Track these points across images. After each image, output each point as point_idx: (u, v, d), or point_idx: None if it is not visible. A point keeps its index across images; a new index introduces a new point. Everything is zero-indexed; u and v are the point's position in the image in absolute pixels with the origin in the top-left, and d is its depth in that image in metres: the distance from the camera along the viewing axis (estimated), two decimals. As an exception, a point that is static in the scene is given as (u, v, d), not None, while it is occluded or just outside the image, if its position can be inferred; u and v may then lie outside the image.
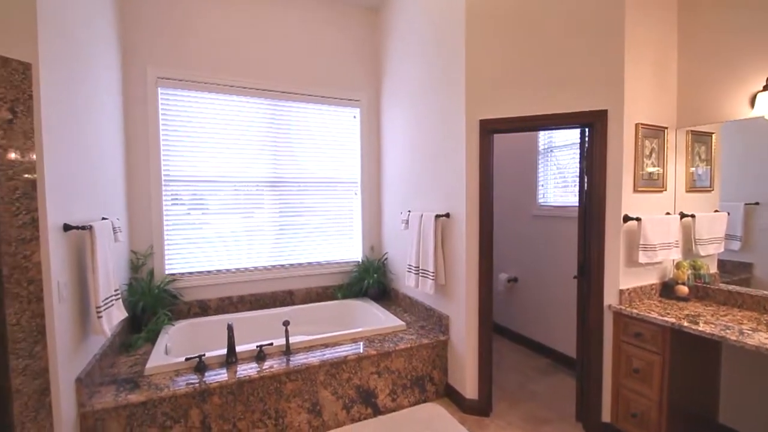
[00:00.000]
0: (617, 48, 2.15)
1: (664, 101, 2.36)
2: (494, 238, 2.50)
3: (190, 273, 3.06)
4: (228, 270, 3.18)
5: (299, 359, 2.33)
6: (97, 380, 2.01)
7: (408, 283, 2.94)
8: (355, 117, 3.64)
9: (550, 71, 2.28)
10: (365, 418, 2.45)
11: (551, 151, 3.39)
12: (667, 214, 2.39)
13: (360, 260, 3.65)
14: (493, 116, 2.40)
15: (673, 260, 2.42)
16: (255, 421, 2.17)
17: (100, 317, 1.86)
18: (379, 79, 3.64)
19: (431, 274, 2.67)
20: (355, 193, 3.68)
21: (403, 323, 2.84)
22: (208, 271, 3.12)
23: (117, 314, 2.06)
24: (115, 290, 2.08)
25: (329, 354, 2.40)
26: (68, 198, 1.79)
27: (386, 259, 3.63)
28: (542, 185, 3.48)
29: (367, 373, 2.46)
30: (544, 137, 3.45)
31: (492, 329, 2.55)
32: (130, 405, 1.90)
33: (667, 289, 2.38)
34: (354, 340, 2.63)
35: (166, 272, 2.98)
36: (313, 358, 2.35)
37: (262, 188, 3.31)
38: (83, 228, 1.80)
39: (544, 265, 3.42)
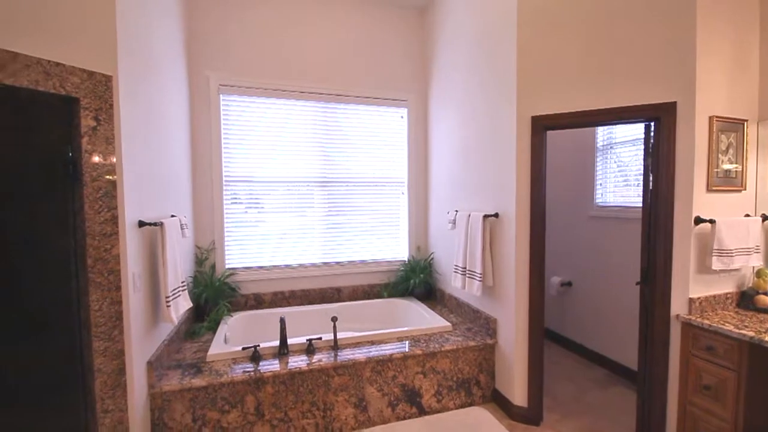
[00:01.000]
0: (687, 32, 1.96)
1: (743, 91, 2.12)
2: (546, 240, 2.40)
3: (247, 268, 3.25)
4: (281, 266, 3.34)
5: (346, 355, 2.39)
6: (165, 364, 2.20)
7: (454, 284, 2.90)
8: (402, 117, 3.65)
9: (610, 62, 2.14)
10: (410, 417, 2.46)
11: (611, 147, 3.18)
12: (747, 215, 2.15)
13: (406, 259, 3.67)
14: (546, 112, 2.30)
15: (753, 267, 2.18)
16: (304, 411, 2.26)
17: (168, 306, 2.03)
18: (427, 79, 3.63)
19: (478, 275, 2.62)
20: (402, 193, 3.70)
21: (449, 324, 2.82)
22: (263, 267, 3.30)
23: (183, 304, 2.24)
24: (182, 282, 2.26)
25: (375, 351, 2.44)
26: (142, 197, 1.98)
27: (432, 259, 3.61)
28: (600, 184, 3.27)
29: (412, 372, 2.46)
30: (603, 133, 3.24)
31: (543, 335, 2.44)
32: (194, 389, 2.06)
33: (745, 300, 2.14)
34: (400, 339, 2.65)
35: (226, 266, 3.19)
36: (360, 354, 2.40)
37: (313, 188, 3.43)
38: (155, 224, 1.99)
39: (602, 269, 3.21)
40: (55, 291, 1.64)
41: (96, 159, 1.66)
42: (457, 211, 3.00)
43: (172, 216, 2.34)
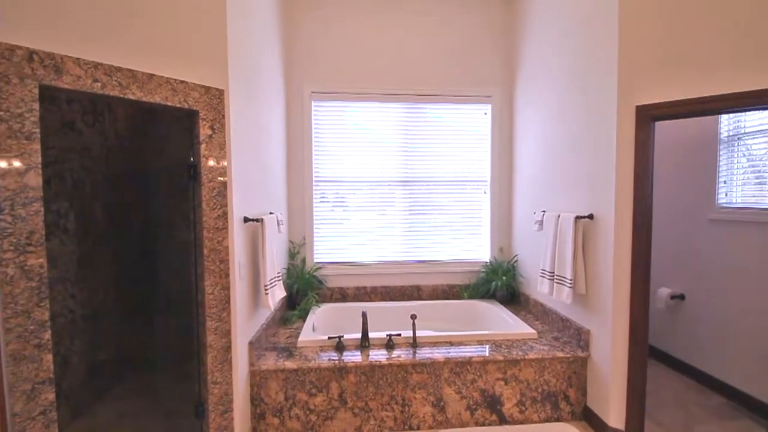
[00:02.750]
0: None
1: None
2: (652, 245, 2.13)
3: (333, 263, 3.46)
4: (363, 262, 3.48)
5: (425, 353, 2.41)
6: (262, 345, 2.45)
7: (541, 289, 2.74)
8: (486, 114, 3.55)
9: (738, 38, 1.82)
10: (490, 424, 2.39)
11: (739, 138, 2.71)
12: None
13: (488, 261, 3.56)
14: (654, 101, 2.05)
15: None
16: (384, 404, 2.33)
17: (266, 294, 2.26)
18: (513, 73, 3.46)
19: (569, 281, 2.44)
20: (485, 192, 3.59)
21: (533, 331, 2.67)
22: (347, 262, 3.47)
23: (279, 293, 2.47)
24: (278, 273, 2.50)
25: (454, 352, 2.42)
26: (246, 196, 2.22)
27: (516, 261, 3.44)
28: (724, 182, 2.81)
29: (492, 378, 2.39)
30: (728, 122, 2.78)
31: (647, 352, 2.18)
32: (286, 370, 2.26)
33: None
34: (480, 342, 2.58)
35: (315, 261, 3.43)
36: (438, 354, 2.40)
37: (394, 187, 3.51)
38: (256, 220, 2.22)
39: (724, 281, 2.75)
40: (180, 275, 1.92)
41: (211, 163, 1.91)
42: (544, 211, 2.82)
43: (270, 213, 2.59)
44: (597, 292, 2.34)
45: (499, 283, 3.31)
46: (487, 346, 2.52)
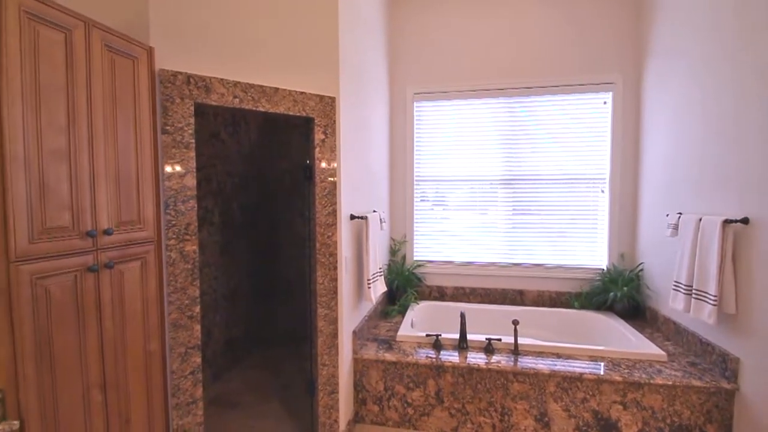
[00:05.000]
0: None
1: None
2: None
3: (432, 261, 3.49)
4: (463, 262, 3.43)
5: (527, 362, 2.28)
6: (365, 336, 2.60)
7: (673, 305, 2.36)
8: (605, 102, 3.17)
9: None
10: (603, 449, 2.16)
11: None
12: None
13: (605, 268, 3.18)
14: None
15: None
16: (482, 409, 2.28)
17: (369, 287, 2.40)
18: (640, 54, 3.03)
19: (712, 297, 2.05)
20: (602, 191, 3.22)
21: (662, 353, 2.31)
22: (446, 261, 3.47)
23: (380, 287, 2.59)
24: (380, 268, 2.62)
25: (561, 365, 2.24)
26: (353, 195, 2.38)
27: (641, 270, 3.01)
28: None
29: (608, 399, 2.14)
30: None
31: (826, 394, 1.72)
32: (385, 362, 2.37)
33: None
34: (593, 358, 2.34)
35: (414, 258, 3.50)
36: (543, 365, 2.24)
37: (496, 186, 3.38)
38: (361, 218, 2.37)
39: None
40: (297, 265, 2.16)
41: (323, 165, 2.10)
42: (680, 213, 2.42)
43: (374, 211, 2.73)
44: (751, 314, 1.92)
45: (619, 294, 2.94)
46: (602, 364, 2.27)
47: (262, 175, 3.52)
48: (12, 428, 1.08)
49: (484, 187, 3.41)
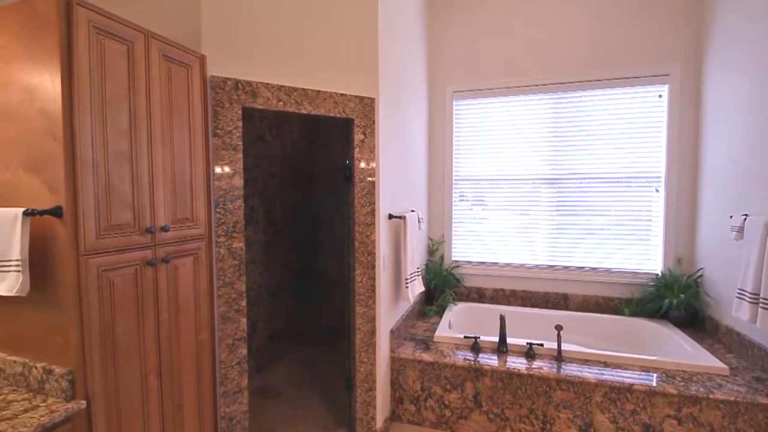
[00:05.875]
0: None
1: None
2: None
3: (471, 262, 3.43)
4: (503, 264, 3.35)
5: (571, 369, 2.19)
6: (402, 335, 2.61)
7: (738, 314, 2.16)
8: (660, 96, 2.97)
9: None
10: (655, 465, 2.03)
11: None
12: None
13: (659, 273, 2.98)
14: None
15: None
16: (522, 416, 2.22)
17: (407, 287, 2.40)
18: (702, 42, 2.80)
19: (784, 308, 1.86)
20: (656, 190, 3.01)
21: (724, 366, 2.13)
22: (486, 263, 3.40)
23: (418, 287, 2.59)
24: (417, 268, 2.62)
25: (609, 375, 2.13)
26: (391, 194, 2.40)
27: (701, 276, 2.79)
28: None
29: (660, 413, 2.01)
30: None
31: None
32: (423, 362, 2.36)
33: None
34: (644, 369, 2.20)
35: (453, 259, 3.47)
36: (589, 373, 2.14)
37: (539, 185, 3.26)
38: (399, 217, 2.37)
39: None
40: (337, 263, 2.21)
41: (362, 165, 2.13)
42: (746, 215, 2.21)
43: (412, 211, 2.73)
44: (834, 328, 1.72)
45: (675, 302, 2.74)
46: (655, 375, 2.13)
47: (303, 174, 3.62)
48: (80, 407, 1.19)
49: (525, 186, 3.31)
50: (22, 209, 1.15)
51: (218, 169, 1.74)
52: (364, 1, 2.09)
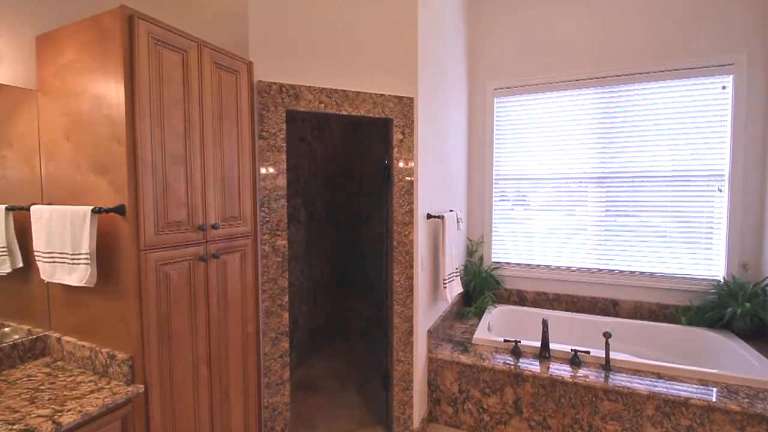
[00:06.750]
0: None
1: None
2: None
3: (511, 263, 3.33)
4: (546, 266, 3.23)
5: (621, 380, 2.07)
6: (440, 336, 2.59)
7: (816, 328, 1.95)
8: (724, 87, 2.73)
9: None
10: (715, 487, 1.88)
11: None
12: None
13: (721, 279, 2.75)
14: None
15: None
16: (566, 425, 2.13)
17: (445, 287, 2.38)
18: (778, 28, 2.55)
19: None
20: (719, 189, 2.78)
21: (799, 384, 1.93)
22: (527, 265, 3.29)
23: (456, 288, 2.56)
24: (456, 268, 2.59)
25: (663, 387, 1.99)
26: (430, 194, 2.38)
27: (771, 285, 2.55)
28: None
29: (720, 431, 1.86)
30: None
31: None
32: (461, 363, 2.33)
33: None
34: (702, 382, 2.04)
35: (492, 260, 3.39)
36: (640, 385, 2.02)
37: (586, 184, 3.11)
38: (438, 217, 2.36)
39: None
40: (375, 262, 2.23)
41: (401, 165, 2.13)
42: (829, 219, 1.99)
43: (451, 211, 2.70)
44: None
45: (740, 311, 2.52)
46: (715, 390, 1.97)
47: (343, 174, 3.68)
48: (138, 391, 1.29)
49: (571, 185, 3.16)
50: (91, 207, 1.26)
51: (263, 170, 1.81)
52: (404, 1, 2.09)
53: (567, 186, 3.17)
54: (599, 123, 3.04)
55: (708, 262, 2.82)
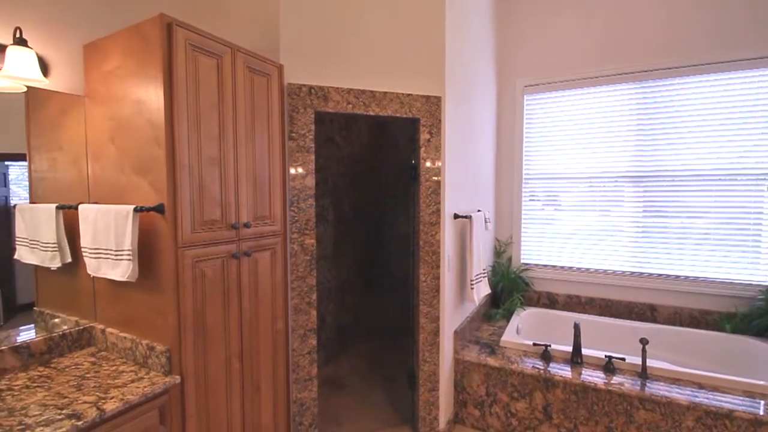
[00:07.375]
0: None
1: None
2: None
3: (541, 265, 3.25)
4: (578, 268, 3.13)
5: (658, 388, 1.98)
6: (467, 337, 2.56)
7: None
8: (779, 81, 2.55)
9: None
10: (763, 507, 1.76)
11: None
12: None
13: (771, 286, 2.57)
14: None
15: None
16: None
17: (472, 288, 2.35)
18: (840, 15, 2.35)
19: None
20: (765, 189, 2.60)
21: None
22: (558, 266, 3.19)
23: (483, 289, 2.52)
24: (483, 269, 2.55)
25: (704, 398, 1.89)
26: (457, 193, 2.36)
27: (830, 292, 2.36)
28: None
29: (772, 446, 1.74)
30: None
31: None
32: (488, 366, 2.30)
33: None
34: (749, 394, 1.92)
35: (521, 261, 3.31)
36: (679, 394, 1.92)
37: (621, 184, 2.98)
38: (465, 217, 2.33)
39: None
40: (402, 261, 2.23)
41: (428, 164, 2.12)
42: None
43: (478, 210, 2.66)
44: None
45: (792, 320, 2.35)
46: (762, 402, 1.85)
47: (370, 174, 3.71)
48: (175, 382, 1.35)
49: (606, 185, 3.04)
50: (133, 206, 1.33)
51: (293, 170, 1.85)
52: (432, 1, 2.08)
53: (601, 185, 3.06)
54: (635, 120, 2.91)
55: (755, 266, 2.65)
